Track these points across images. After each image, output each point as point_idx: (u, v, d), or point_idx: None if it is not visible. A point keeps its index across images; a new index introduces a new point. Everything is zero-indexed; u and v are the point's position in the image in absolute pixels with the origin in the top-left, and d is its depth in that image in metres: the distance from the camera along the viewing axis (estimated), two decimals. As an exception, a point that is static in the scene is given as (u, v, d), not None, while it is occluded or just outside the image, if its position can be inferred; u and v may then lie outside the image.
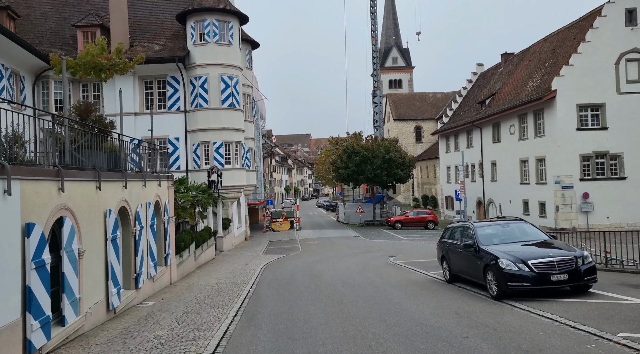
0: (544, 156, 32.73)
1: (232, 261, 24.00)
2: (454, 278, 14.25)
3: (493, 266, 11.33)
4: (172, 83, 30.73)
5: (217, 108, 30.11)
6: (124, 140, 13.55)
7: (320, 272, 18.88)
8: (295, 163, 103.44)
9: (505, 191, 37.80)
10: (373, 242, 32.49)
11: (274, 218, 42.87)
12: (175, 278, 17.23)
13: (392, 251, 26.65)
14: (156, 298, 13.88)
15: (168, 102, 30.76)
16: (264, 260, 24.76)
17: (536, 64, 37.53)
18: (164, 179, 16.23)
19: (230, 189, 30.61)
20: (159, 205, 15.55)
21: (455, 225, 14.91)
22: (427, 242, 31.78)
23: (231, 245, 30.93)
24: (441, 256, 15.05)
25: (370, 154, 41.29)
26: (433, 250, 26.78)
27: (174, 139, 30.69)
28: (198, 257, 21.80)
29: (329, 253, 26.91)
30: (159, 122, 30.58)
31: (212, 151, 30.18)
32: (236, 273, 19.53)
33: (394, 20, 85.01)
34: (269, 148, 68.45)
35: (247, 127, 34.87)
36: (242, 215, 35.62)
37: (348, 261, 22.60)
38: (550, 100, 31.43)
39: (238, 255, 27.28)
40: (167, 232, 16.10)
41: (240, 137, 31.42)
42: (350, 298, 12.84)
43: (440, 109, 71.92)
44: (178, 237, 18.57)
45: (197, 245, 21.81)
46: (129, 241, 12.52)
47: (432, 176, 63.33)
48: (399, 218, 41.05)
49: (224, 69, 30.32)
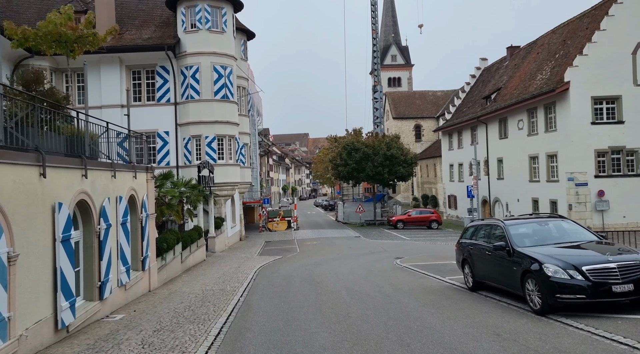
0: (555, 152, 30.52)
1: (224, 264, 21.71)
2: (478, 285, 11.98)
3: (535, 273, 9.07)
4: (162, 74, 28.43)
5: (209, 99, 27.82)
6: (89, 121, 11.28)
7: (320, 277, 16.60)
8: (293, 163, 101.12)
9: (512, 189, 35.58)
10: (375, 243, 30.22)
11: (271, 217, 40.55)
12: (156, 284, 14.93)
13: (397, 252, 24.39)
14: (127, 310, 11.58)
15: (157, 93, 28.46)
16: (258, 262, 22.49)
17: (545, 56, 35.34)
18: (141, 170, 13.93)
19: (223, 186, 28.31)
20: (134, 200, 13.26)
21: (479, 224, 12.62)
22: (433, 243, 29.54)
23: (224, 245, 28.62)
24: (462, 260, 12.76)
25: (371, 151, 39.01)
26: (441, 251, 24.76)
27: (163, 133, 28.38)
28: (185, 259, 19.50)
29: (329, 254, 24.64)
30: (147, 115, 28.36)
31: (204, 145, 27.88)
32: (226, 277, 17.23)
33: (393, 17, 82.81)
34: (266, 147, 66.16)
35: (241, 121, 32.59)
36: (236, 214, 33.32)
37: (351, 263, 20.32)
38: (563, 93, 29.23)
39: (231, 256, 24.98)
40: (145, 232, 13.80)
41: (234, 130, 29.13)
42: (359, 310, 10.56)
43: (440, 107, 69.80)
44: (161, 237, 16.28)
45: (185, 246, 19.51)
46: (91, 242, 10.23)
47: (433, 175, 61.13)
48: (401, 218, 38.77)
49: (217, 58, 28.03)
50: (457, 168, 45.15)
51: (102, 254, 10.48)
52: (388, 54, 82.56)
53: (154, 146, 28.51)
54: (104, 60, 27.97)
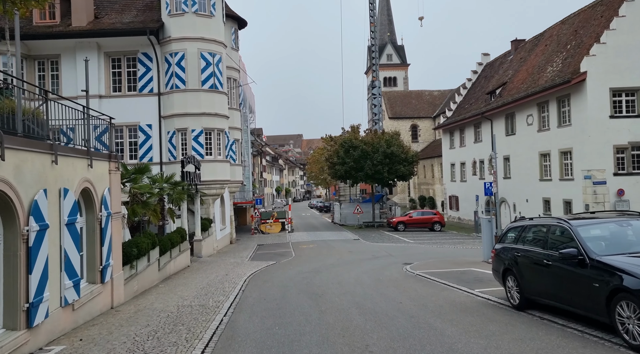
0: (570, 148, 27.89)
1: (210, 271, 18.81)
2: (527, 303, 9.21)
3: (636, 295, 6.32)
4: (144, 61, 25.52)
5: (196, 89, 24.96)
6: (25, 88, 8.42)
7: (322, 287, 13.75)
8: (287, 164, 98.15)
9: (520, 189, 32.94)
10: (377, 246, 27.39)
11: (264, 219, 37.61)
12: (121, 299, 12.01)
13: (403, 257, 21.60)
14: (72, 338, 8.66)
15: (139, 82, 25.54)
16: (249, 268, 19.61)
17: (555, 48, 32.78)
18: (100, 158, 11.01)
19: (211, 184, 25.43)
20: (90, 195, 10.36)
21: (527, 224, 9.77)
22: (440, 246, 26.75)
23: (212, 249, 25.69)
24: (503, 270, 9.95)
25: (370, 148, 36.20)
26: (453, 256, 21.77)
27: (145, 126, 25.47)
28: (164, 267, 16.58)
29: (328, 259, 21.78)
30: (128, 106, 25.46)
31: (190, 139, 25.01)
32: (211, 287, 14.35)
33: (388, 16, 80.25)
34: (259, 147, 63.28)
35: (232, 114, 29.73)
36: (226, 215, 30.40)
37: (354, 270, 17.48)
38: (579, 84, 26.63)
39: (219, 262, 22.07)
40: (105, 234, 10.90)
41: (224, 124, 26.25)
42: (380, 341, 7.71)
43: (437, 107, 67.35)
44: (130, 241, 13.37)
45: (163, 251, 16.59)
46: (15, 249, 7.34)
47: (430, 176, 58.53)
48: (402, 219, 35.98)
49: (205, 44, 25.19)
50: (459, 168, 42.48)
51: (32, 265, 7.59)
52: (384, 53, 79.96)
53: (135, 140, 25.62)
54: (81, 46, 25.07)
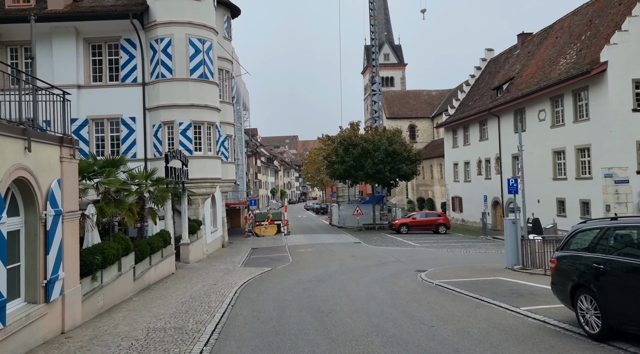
0: (588, 144, 25.55)
1: (197, 279, 16.23)
2: (612, 332, 6.74)
3: None
4: (127, 48, 22.95)
5: (184, 79, 22.43)
6: None
7: (327, 302, 11.20)
8: (282, 165, 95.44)
9: (531, 189, 30.42)
10: (381, 250, 24.86)
11: (258, 221, 34.97)
12: (78, 320, 9.40)
13: (413, 263, 19.11)
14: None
15: (121, 71, 22.97)
16: (242, 276, 17.05)
17: (567, 40, 30.49)
18: (46, 141, 8.40)
19: (200, 182, 22.85)
20: (29, 189, 7.79)
21: (613, 225, 7.22)
22: (451, 250, 24.25)
23: (201, 254, 23.08)
24: (573, 287, 7.43)
25: (371, 146, 33.68)
26: (470, 261, 18.86)
27: (128, 119, 22.88)
28: (141, 276, 13.99)
29: (331, 265, 19.23)
30: (110, 98, 22.89)
31: (178, 133, 22.45)
32: (194, 302, 11.78)
33: (385, 15, 77.97)
34: (254, 147, 60.65)
35: (224, 108, 27.19)
36: (217, 216, 27.79)
37: (363, 279, 14.94)
38: (599, 76, 24.30)
39: (208, 268, 19.47)
40: (52, 240, 8.31)
41: (214, 116, 23.70)
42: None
43: (435, 107, 65.16)
44: (94, 247, 10.77)
45: (141, 258, 14.00)
46: None
47: (429, 177, 56.16)
48: (404, 221, 33.46)
49: (194, 30, 22.66)
50: (463, 167, 40.06)
51: None
52: (381, 53, 77.56)
53: (117, 135, 23.01)
54: (57, 31, 22.51)
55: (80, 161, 10.77)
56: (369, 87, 79.92)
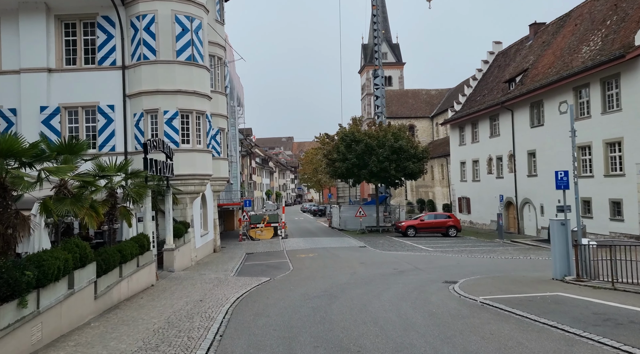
0: (619, 138, 22.71)
1: (180, 293, 13.10)
2: None
3: None
4: (105, 27, 19.83)
5: (169, 61, 19.37)
6: None
7: (351, 332, 8.09)
8: (277, 167, 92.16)
9: (550, 188, 27.35)
10: (392, 255, 21.78)
11: (253, 223, 31.79)
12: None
13: (436, 271, 16.07)
14: None
15: (98, 53, 19.84)
16: (235, 288, 13.95)
17: (588, 27, 27.70)
18: None
19: (188, 179, 19.74)
20: None
21: None
22: (471, 256, 21.19)
23: (189, 260, 19.92)
24: None
25: (375, 142, 30.66)
26: (497, 269, 15.55)
27: (106, 107, 19.74)
28: (106, 292, 10.84)
29: (339, 275, 16.12)
30: (85, 82, 19.72)
31: (162, 123, 19.34)
32: (170, 329, 8.66)
33: (383, 13, 75.06)
34: (248, 147, 57.50)
35: (216, 99, 24.13)
36: (209, 218, 24.64)
37: (385, 294, 11.84)
38: (633, 61, 21.52)
39: (195, 278, 16.32)
40: None
41: (205, 105, 20.60)
42: None
43: (435, 107, 62.44)
44: (28, 259, 7.63)
45: (106, 269, 10.84)
46: None
47: (429, 178, 53.21)
48: (412, 223, 30.40)
49: (180, 5, 19.59)
50: (471, 166, 37.13)
51: None
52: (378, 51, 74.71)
53: (93, 125, 19.85)
54: (25, 7, 19.38)
55: (2, 137, 7.63)
56: (367, 87, 76.97)
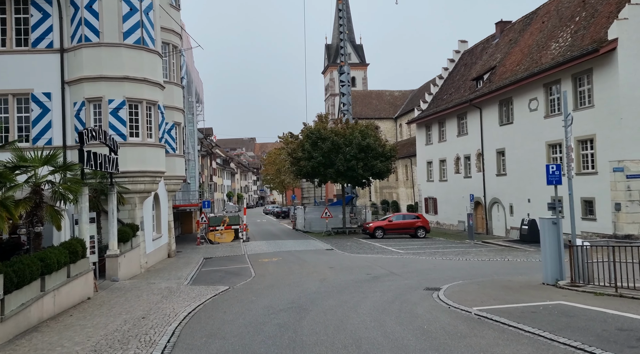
0: (592, 135, 21.95)
1: (120, 308, 10.93)
2: None
3: None
4: (39, 4, 17.34)
5: (115, 44, 17.09)
6: None
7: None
8: (239, 168, 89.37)
9: (520, 187, 26.81)
10: (362, 259, 20.12)
11: (213, 225, 29.53)
12: None
13: (413, 276, 14.50)
14: None
15: (32, 34, 17.30)
16: (187, 300, 11.89)
17: (556, 24, 27.08)
18: None
19: (137, 176, 17.47)
20: None
21: None
22: (445, 258, 19.75)
23: (138, 267, 17.60)
24: None
25: (342, 140, 29.07)
26: (479, 272, 14.01)
27: (42, 95, 17.22)
28: (18, 312, 8.60)
29: (307, 282, 14.29)
30: (16, 67, 17.11)
31: (107, 114, 17.02)
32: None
33: (347, 14, 73.98)
34: (209, 147, 54.92)
35: (171, 90, 21.92)
36: (162, 220, 22.30)
37: (362, 305, 10.12)
38: (606, 56, 20.78)
39: (142, 288, 14.12)
40: None
41: (157, 95, 18.37)
42: None
43: (398, 108, 61.74)
44: None
45: (18, 283, 8.63)
46: None
47: (393, 179, 52.15)
48: (380, 224, 28.92)
49: (128, -18, 17.34)
50: (438, 166, 36.13)
51: None
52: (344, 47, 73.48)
53: (26, 115, 17.27)
54: (-56, -22, 16.62)
55: None
56: (330, 87, 75.64)
